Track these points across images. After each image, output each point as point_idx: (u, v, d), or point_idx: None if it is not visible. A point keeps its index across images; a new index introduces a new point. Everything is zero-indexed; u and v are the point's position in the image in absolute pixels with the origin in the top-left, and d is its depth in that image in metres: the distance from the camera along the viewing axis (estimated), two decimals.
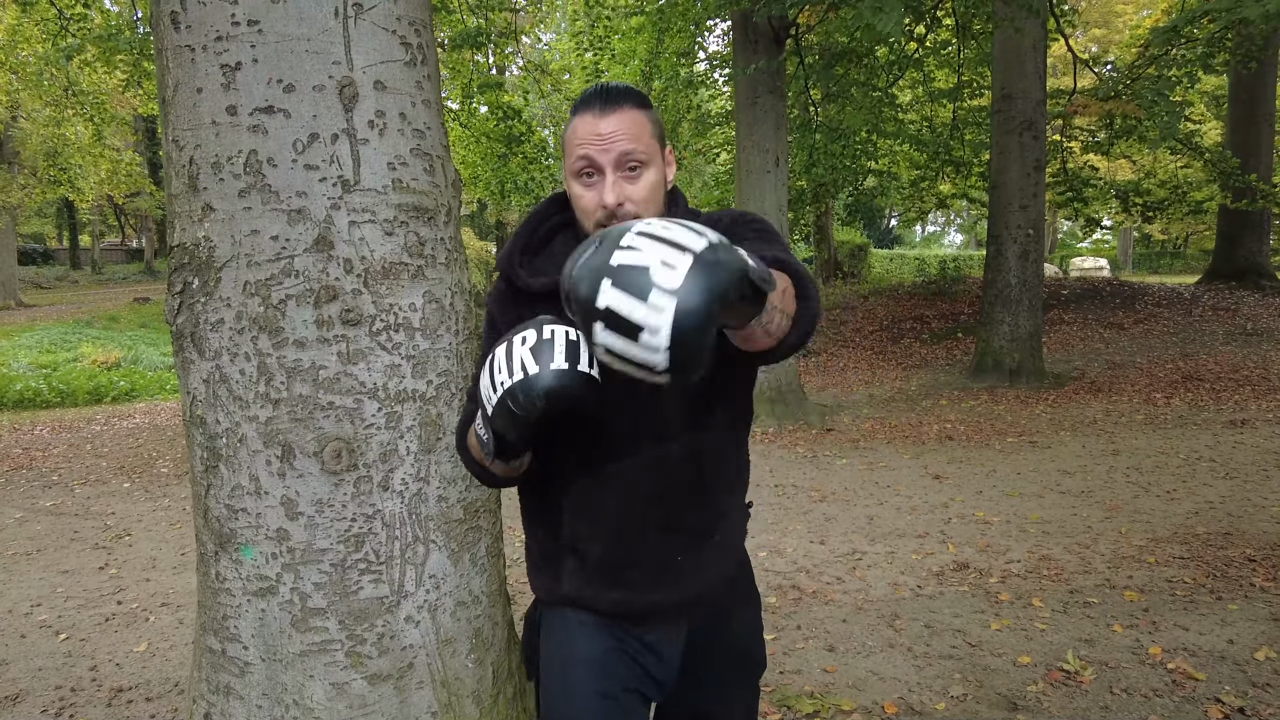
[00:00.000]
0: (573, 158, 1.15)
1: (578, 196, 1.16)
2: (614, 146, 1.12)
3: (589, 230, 1.16)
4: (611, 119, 1.12)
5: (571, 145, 1.15)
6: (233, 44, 1.53)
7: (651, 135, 1.16)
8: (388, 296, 1.62)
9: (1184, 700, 2.52)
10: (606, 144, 1.12)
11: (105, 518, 5.31)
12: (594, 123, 1.13)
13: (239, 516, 1.63)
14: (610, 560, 1.24)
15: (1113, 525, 4.38)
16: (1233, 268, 13.18)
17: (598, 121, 1.12)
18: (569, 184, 1.18)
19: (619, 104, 1.13)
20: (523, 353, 1.00)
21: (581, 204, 1.16)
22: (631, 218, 1.10)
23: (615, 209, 1.12)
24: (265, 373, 1.57)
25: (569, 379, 0.98)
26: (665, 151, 1.21)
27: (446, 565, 1.72)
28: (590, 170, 1.14)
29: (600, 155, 1.12)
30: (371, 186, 1.60)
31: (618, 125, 1.12)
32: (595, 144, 1.12)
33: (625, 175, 1.13)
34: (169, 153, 1.64)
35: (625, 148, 1.12)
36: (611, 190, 1.12)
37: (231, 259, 1.57)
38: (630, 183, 1.14)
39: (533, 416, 1.00)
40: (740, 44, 7.85)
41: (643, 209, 1.14)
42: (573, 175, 1.16)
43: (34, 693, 2.88)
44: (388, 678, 1.65)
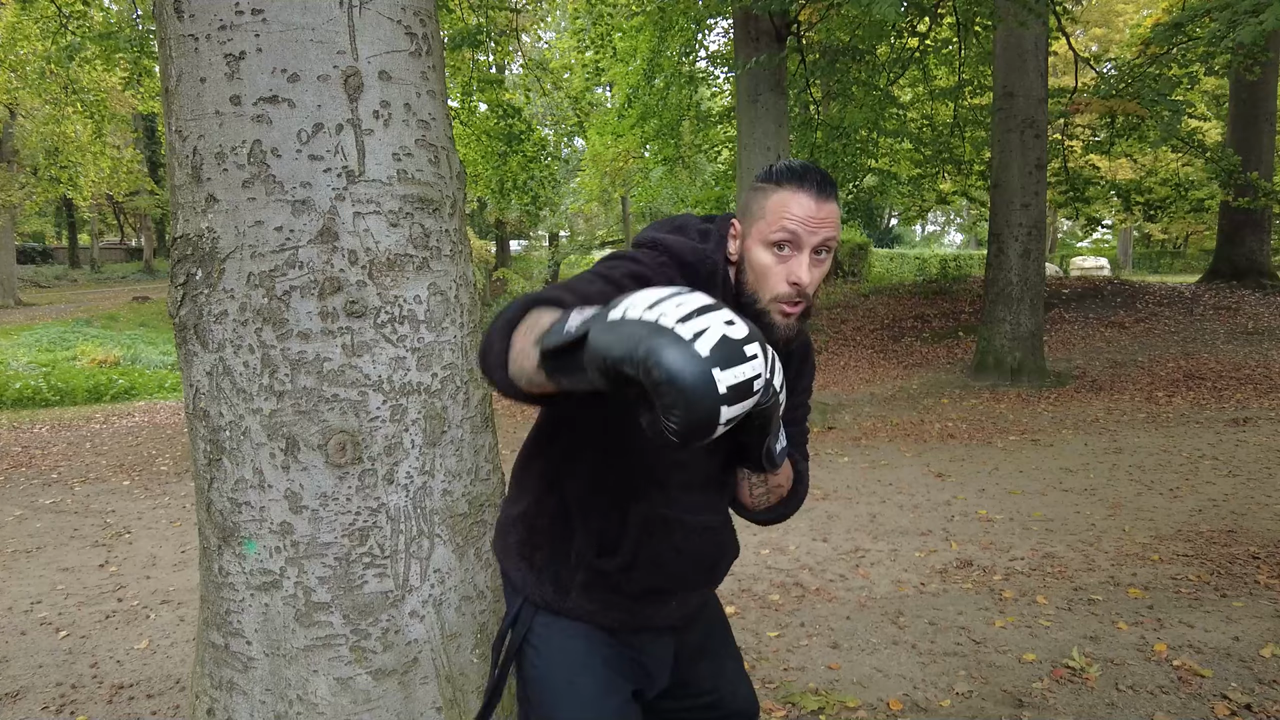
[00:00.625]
0: (776, 228, 1.17)
1: (765, 266, 1.18)
2: (821, 231, 1.17)
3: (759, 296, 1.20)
4: (827, 206, 1.17)
5: (777, 215, 1.17)
6: (236, 33, 1.51)
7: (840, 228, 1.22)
8: (392, 289, 1.61)
9: (1190, 697, 2.51)
10: (816, 229, 1.16)
11: (105, 515, 5.30)
12: (812, 205, 1.16)
13: (242, 510, 1.61)
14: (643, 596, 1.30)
15: (1116, 523, 4.37)
16: (1234, 267, 13.18)
17: (816, 205, 1.16)
18: (755, 249, 1.20)
19: (832, 194, 1.18)
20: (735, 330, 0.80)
21: (768, 273, 1.19)
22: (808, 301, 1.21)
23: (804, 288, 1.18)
24: (269, 365, 1.55)
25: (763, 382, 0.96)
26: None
27: (451, 560, 1.71)
28: (788, 244, 1.17)
29: (808, 236, 1.16)
30: (376, 177, 1.58)
31: (829, 214, 1.17)
32: (808, 225, 1.16)
33: (816, 259, 1.19)
34: (172, 143, 1.62)
35: (829, 235, 1.18)
36: (808, 271, 1.17)
37: (235, 250, 1.55)
38: (817, 267, 1.19)
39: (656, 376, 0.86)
40: (742, 41, 7.85)
41: (813, 293, 1.22)
42: (766, 244, 1.18)
43: (35, 689, 2.86)
44: (392, 673, 1.64)
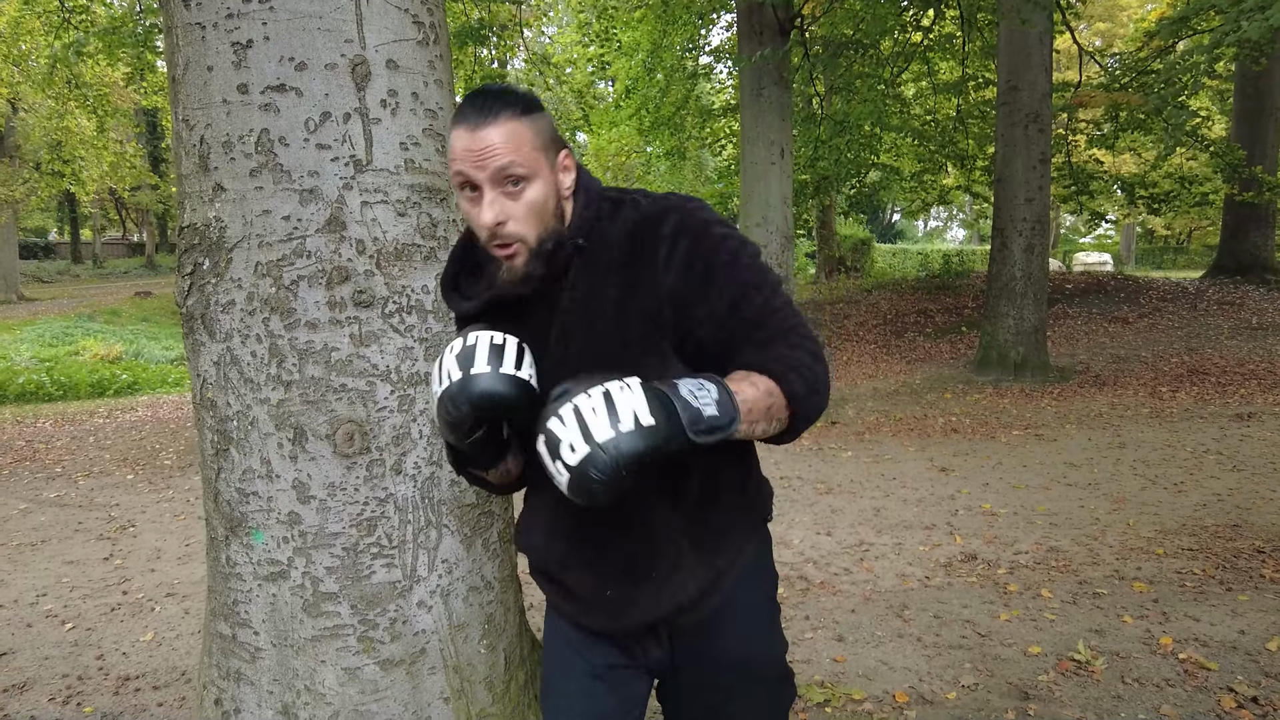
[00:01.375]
0: (452, 172, 1.07)
1: (466, 213, 1.09)
2: (489, 162, 1.03)
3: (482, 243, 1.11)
4: (486, 132, 1.03)
5: (450, 159, 1.07)
6: (244, 21, 1.51)
7: (534, 146, 1.06)
8: (400, 278, 1.60)
9: (1196, 690, 2.50)
10: (481, 160, 1.03)
11: (109, 509, 5.30)
12: (469, 137, 1.04)
13: (250, 500, 1.61)
14: (553, 582, 1.25)
15: (1120, 517, 4.36)
16: (1237, 262, 13.14)
17: (472, 136, 1.03)
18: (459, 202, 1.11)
19: (494, 115, 1.04)
20: (450, 361, 1.02)
21: (470, 219, 1.09)
22: (515, 238, 1.07)
23: (495, 229, 1.06)
24: (277, 354, 1.55)
25: (493, 382, 0.99)
26: (560, 157, 1.12)
27: (459, 550, 1.71)
28: (468, 185, 1.06)
29: (476, 172, 1.04)
30: (384, 166, 1.58)
31: (494, 139, 1.03)
32: (470, 160, 1.04)
33: (505, 192, 1.05)
34: (179, 132, 1.62)
35: (501, 162, 1.03)
36: (489, 209, 1.05)
37: (243, 239, 1.55)
38: (512, 199, 1.06)
39: (465, 423, 1.01)
40: (745, 35, 7.82)
41: (524, 227, 1.07)
42: (456, 190, 1.09)
43: (41, 681, 2.87)
44: (400, 663, 1.64)
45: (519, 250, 1.08)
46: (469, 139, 1.04)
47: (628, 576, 1.17)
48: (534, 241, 1.08)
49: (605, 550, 1.17)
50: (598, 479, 0.89)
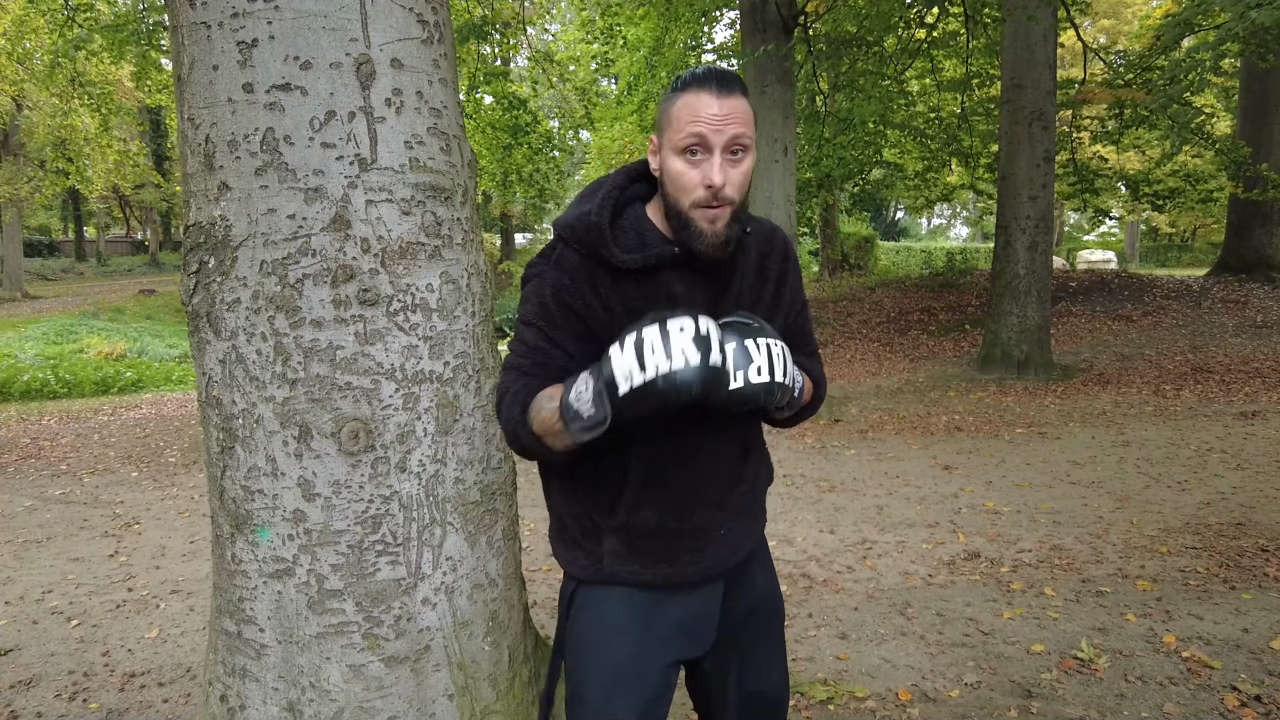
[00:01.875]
0: (682, 133, 1.15)
1: (680, 173, 1.17)
2: (728, 129, 1.14)
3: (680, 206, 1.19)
4: (729, 102, 1.15)
5: (683, 120, 1.15)
6: (249, 20, 1.51)
7: (753, 126, 1.19)
8: (405, 277, 1.61)
9: (1199, 688, 2.50)
10: (722, 125, 1.14)
11: (114, 506, 5.32)
12: (712, 102, 1.14)
13: (255, 498, 1.62)
14: (662, 531, 1.30)
15: (1124, 515, 4.36)
16: (1242, 260, 13.10)
17: (716, 101, 1.14)
18: (669, 159, 1.19)
19: (734, 89, 1.16)
20: (684, 342, 1.05)
21: (683, 180, 1.17)
22: (729, 202, 1.18)
23: (719, 190, 1.16)
24: (282, 353, 1.56)
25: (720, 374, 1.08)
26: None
27: (464, 547, 1.71)
28: (698, 148, 1.15)
29: (714, 135, 1.14)
30: (389, 165, 1.58)
31: (733, 109, 1.15)
32: (711, 123, 1.14)
33: (730, 159, 1.17)
34: (184, 131, 1.63)
35: (737, 131, 1.15)
36: (719, 171, 1.15)
37: (248, 238, 1.55)
38: (734, 167, 1.17)
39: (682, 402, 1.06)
40: (748, 32, 7.81)
41: (737, 195, 1.18)
42: (677, 151, 1.17)
43: (47, 677, 2.88)
44: (405, 660, 1.65)
45: (725, 214, 1.19)
46: (715, 104, 1.15)
47: (742, 515, 1.38)
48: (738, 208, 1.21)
49: (731, 490, 1.35)
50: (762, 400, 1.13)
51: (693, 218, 1.19)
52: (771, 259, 1.35)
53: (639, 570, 1.30)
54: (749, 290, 1.31)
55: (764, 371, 1.11)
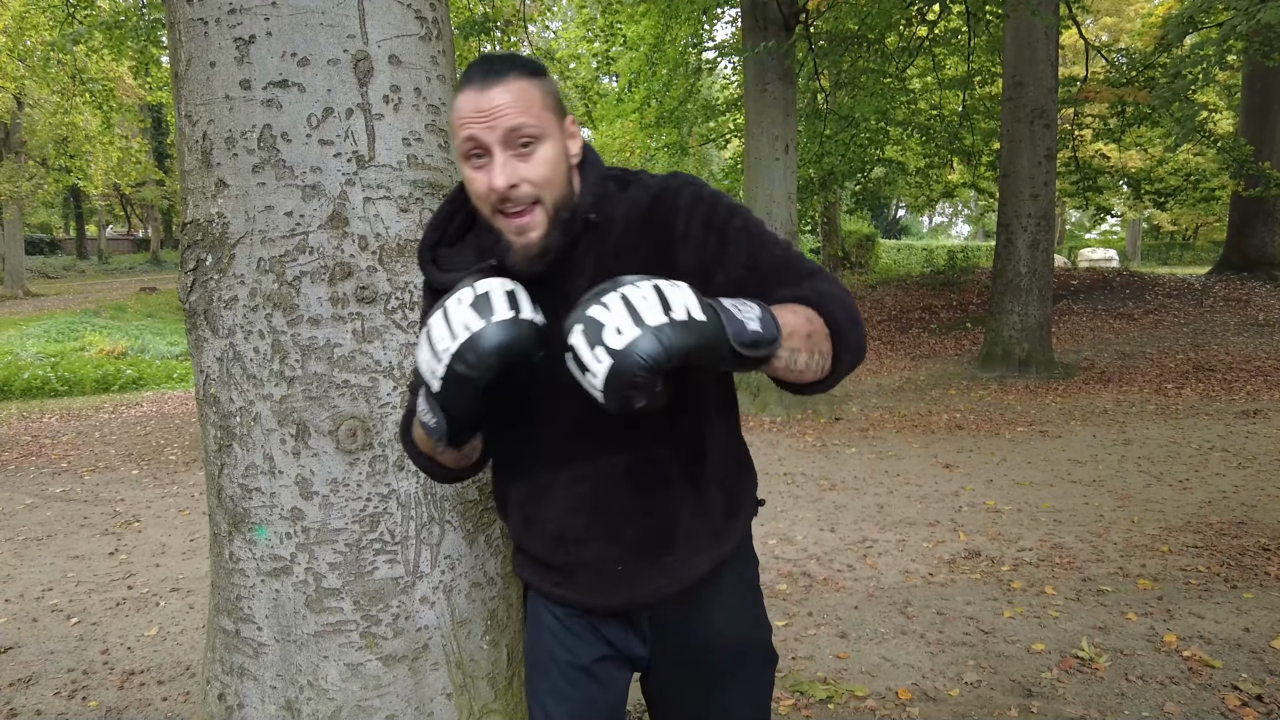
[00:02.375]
0: (459, 139, 1.03)
1: (469, 180, 1.05)
2: (499, 122, 1.00)
3: (485, 217, 1.06)
4: (495, 91, 1.00)
5: (456, 126, 1.03)
6: (246, 17, 1.50)
7: (544, 106, 1.04)
8: (402, 274, 1.60)
9: (1200, 688, 2.50)
10: (491, 120, 1.00)
11: (114, 504, 5.32)
12: (476, 98, 1.01)
13: (253, 496, 1.61)
14: (552, 563, 1.20)
15: (1125, 514, 4.35)
16: (1244, 258, 13.07)
17: (480, 96, 1.00)
18: (462, 171, 1.06)
19: (503, 75, 1.01)
20: (463, 312, 0.95)
21: (473, 188, 1.05)
22: (529, 200, 1.03)
23: (508, 192, 1.01)
24: (279, 350, 1.55)
25: (517, 328, 0.95)
26: (566, 122, 1.09)
27: (462, 546, 1.71)
28: (479, 151, 1.02)
29: (485, 133, 1.01)
30: (386, 162, 1.57)
31: (503, 99, 1.00)
32: (478, 121, 1.00)
33: (517, 154, 1.02)
34: (181, 128, 1.62)
35: (513, 122, 1.00)
36: (501, 172, 1.01)
37: (245, 235, 1.55)
38: (524, 160, 1.02)
39: (486, 377, 0.95)
40: (749, 30, 7.80)
41: (543, 189, 1.03)
42: (462, 159, 1.04)
43: (47, 675, 2.88)
44: (402, 659, 1.64)
45: (535, 218, 1.04)
46: (477, 99, 1.01)
47: (646, 552, 1.16)
48: (551, 206, 1.05)
49: (627, 524, 1.15)
50: (644, 363, 0.84)
51: (500, 228, 1.06)
52: (647, 232, 1.11)
53: (549, 590, 1.23)
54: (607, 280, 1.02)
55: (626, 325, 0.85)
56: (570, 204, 1.08)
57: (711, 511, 1.20)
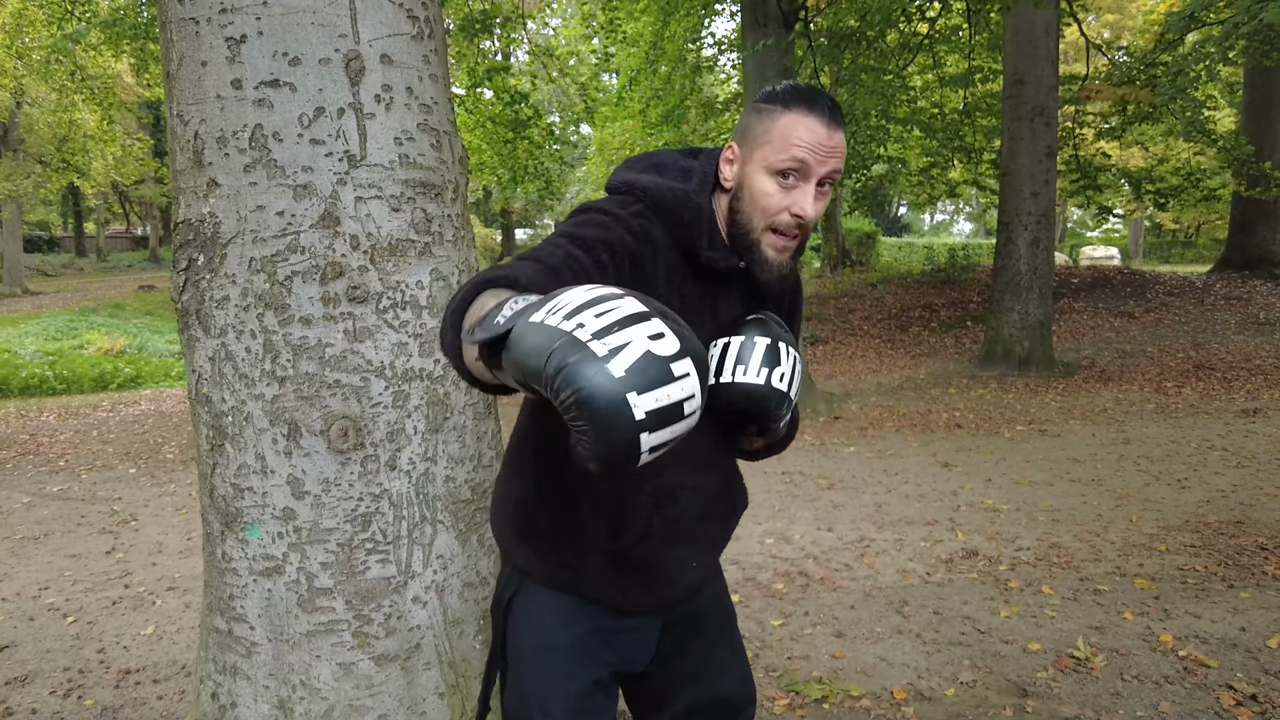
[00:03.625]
0: (784, 155, 1.08)
1: (766, 193, 1.11)
2: (831, 161, 1.10)
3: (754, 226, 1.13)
4: (838, 136, 1.10)
5: (786, 141, 1.08)
6: (238, 16, 1.50)
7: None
8: (394, 274, 1.60)
9: (1195, 687, 2.49)
10: (826, 159, 1.09)
11: (112, 503, 5.32)
12: (823, 132, 1.08)
13: (245, 496, 1.61)
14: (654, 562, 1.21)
15: (1123, 513, 4.35)
16: (1245, 257, 13.05)
17: (828, 132, 1.09)
18: (756, 175, 1.11)
19: (842, 123, 1.12)
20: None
21: (768, 201, 1.11)
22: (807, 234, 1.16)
23: (801, 221, 1.12)
24: (271, 350, 1.55)
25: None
26: None
27: (454, 546, 1.71)
28: (796, 174, 1.10)
29: (818, 165, 1.09)
30: (378, 162, 1.57)
31: (839, 144, 1.11)
32: (818, 153, 1.09)
33: (820, 192, 1.11)
34: (173, 128, 1.62)
35: (838, 165, 1.11)
36: (814, 205, 1.11)
37: (237, 235, 1.55)
38: (820, 200, 1.12)
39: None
40: (749, 26, 7.79)
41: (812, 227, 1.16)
42: (770, 171, 1.10)
43: (42, 674, 2.88)
44: (395, 658, 1.64)
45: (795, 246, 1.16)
46: (826, 135, 1.09)
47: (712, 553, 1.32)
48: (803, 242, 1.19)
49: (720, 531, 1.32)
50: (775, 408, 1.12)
51: (761, 243, 1.13)
52: (786, 292, 1.31)
53: (615, 594, 1.20)
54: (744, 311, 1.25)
55: (786, 379, 1.11)
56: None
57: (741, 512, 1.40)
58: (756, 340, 1.10)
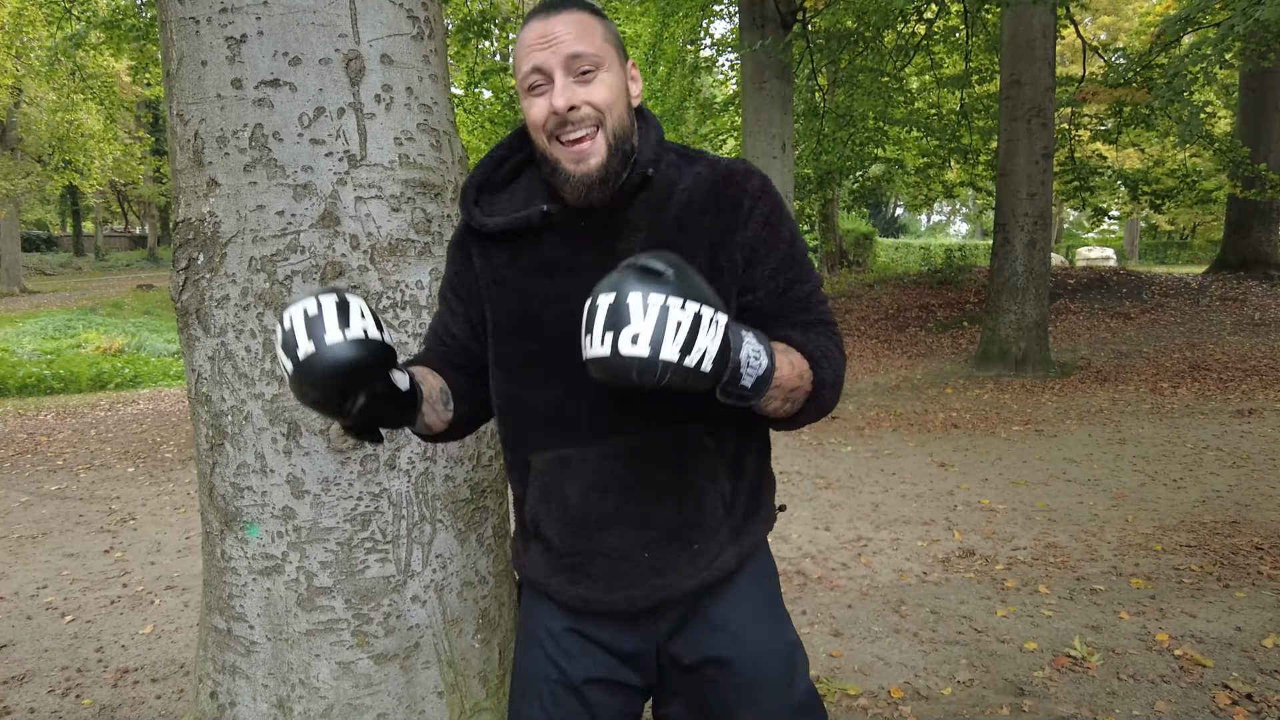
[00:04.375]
0: (523, 71, 1.04)
1: (529, 111, 1.05)
2: (561, 48, 1.01)
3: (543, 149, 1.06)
4: (558, 20, 1.02)
5: (520, 60, 1.04)
6: (238, 16, 1.50)
7: (604, 39, 1.05)
8: (394, 274, 1.60)
9: (1191, 686, 2.51)
10: (553, 45, 1.01)
11: (110, 502, 5.32)
12: (539, 26, 1.03)
13: (244, 495, 1.62)
14: (572, 550, 1.13)
15: (1119, 513, 4.36)
16: (1241, 258, 13.09)
17: (543, 24, 1.03)
18: (523, 104, 1.06)
19: (565, 7, 1.04)
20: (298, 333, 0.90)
21: (531, 116, 1.04)
22: (590, 124, 1.03)
23: (566, 112, 1.01)
24: (271, 349, 1.55)
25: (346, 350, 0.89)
26: (628, 65, 1.10)
27: (453, 545, 1.71)
28: (540, 80, 1.03)
29: (548, 57, 1.01)
30: (378, 162, 1.58)
31: (566, 26, 1.02)
32: (540, 46, 1.02)
33: (578, 79, 1.02)
34: (173, 127, 1.62)
35: (575, 49, 1.01)
36: (561, 93, 1.01)
37: (237, 234, 1.55)
38: (584, 85, 1.02)
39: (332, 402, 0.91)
40: (747, 27, 7.80)
41: (606, 113, 1.04)
42: (525, 91, 1.05)
43: (41, 673, 2.88)
44: (394, 657, 1.64)
45: (595, 144, 1.03)
46: (540, 27, 1.03)
47: (671, 541, 1.11)
48: (612, 133, 1.04)
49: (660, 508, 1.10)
50: (638, 378, 0.86)
51: (557, 158, 1.05)
52: (713, 208, 1.10)
53: (558, 587, 1.15)
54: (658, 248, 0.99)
55: (643, 340, 0.84)
56: (630, 140, 1.08)
57: (738, 504, 1.16)
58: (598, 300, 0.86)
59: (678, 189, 1.11)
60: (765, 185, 1.12)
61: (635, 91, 1.11)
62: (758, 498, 1.20)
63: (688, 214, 1.10)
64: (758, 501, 1.21)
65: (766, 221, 1.10)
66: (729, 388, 0.93)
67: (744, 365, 0.93)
